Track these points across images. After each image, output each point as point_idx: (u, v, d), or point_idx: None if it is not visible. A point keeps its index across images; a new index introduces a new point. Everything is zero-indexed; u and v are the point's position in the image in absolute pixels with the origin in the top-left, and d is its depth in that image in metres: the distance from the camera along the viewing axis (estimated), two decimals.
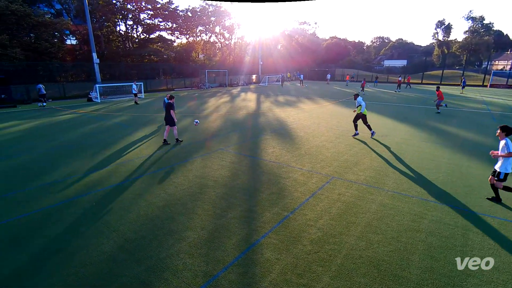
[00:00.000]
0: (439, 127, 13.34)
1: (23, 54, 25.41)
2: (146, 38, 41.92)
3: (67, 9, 34.67)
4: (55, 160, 8.74)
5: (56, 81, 27.80)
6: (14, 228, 5.03)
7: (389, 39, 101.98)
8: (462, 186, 6.65)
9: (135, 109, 19.67)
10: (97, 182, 6.97)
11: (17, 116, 16.97)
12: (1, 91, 21.85)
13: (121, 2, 37.14)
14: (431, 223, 5.11)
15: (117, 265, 4.05)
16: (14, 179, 7.26)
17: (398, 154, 9.10)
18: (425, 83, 45.56)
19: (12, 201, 6.01)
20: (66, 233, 4.85)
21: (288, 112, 17.68)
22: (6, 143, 10.75)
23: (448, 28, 64.26)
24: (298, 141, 10.71)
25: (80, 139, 11.36)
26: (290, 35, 67.10)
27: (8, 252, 4.36)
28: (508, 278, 3.78)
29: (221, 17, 49.18)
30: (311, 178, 7.17)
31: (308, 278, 3.81)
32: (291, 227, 4.98)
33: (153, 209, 5.62)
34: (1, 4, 23.36)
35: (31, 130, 13.07)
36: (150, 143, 10.64)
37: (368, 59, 78.82)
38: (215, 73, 42.26)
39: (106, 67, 31.82)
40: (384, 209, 5.61)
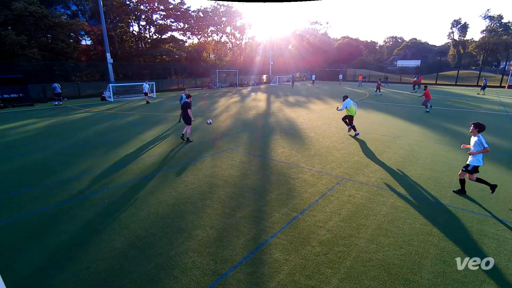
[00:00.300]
0: (453, 129, 13.01)
1: (40, 54, 26.20)
2: (158, 39, 42.53)
3: (83, 10, 35.58)
4: (70, 157, 8.97)
5: (71, 80, 28.55)
6: (31, 223, 5.19)
7: (402, 39, 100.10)
8: (477, 189, 6.46)
9: (147, 108, 19.98)
10: (109, 180, 7.12)
11: (34, 114, 17.49)
12: (19, 90, 22.57)
13: (134, 3, 37.83)
14: (443, 227, 4.99)
15: (127, 262, 4.12)
16: (30, 175, 7.49)
17: (411, 156, 8.93)
18: (440, 83, 44.52)
19: (29, 197, 6.20)
20: (79, 229, 4.97)
21: (298, 113, 17.60)
22: (23, 141, 11.10)
23: (465, 28, 62.63)
24: (308, 142, 10.64)
25: (93, 137, 11.62)
26: (301, 35, 66.83)
27: (24, 246, 4.51)
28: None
29: (232, 17, 49.40)
30: (321, 179, 7.12)
31: (316, 279, 3.78)
32: (300, 228, 4.95)
33: (164, 207, 5.69)
34: (20, 5, 24.12)
35: (46, 129, 13.45)
36: (162, 142, 10.78)
37: (380, 59, 77.69)
38: (226, 73, 42.48)
39: (119, 67, 32.44)
40: (396, 211, 5.51)
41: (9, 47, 23.83)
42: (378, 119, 15.19)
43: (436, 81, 45.10)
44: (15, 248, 4.47)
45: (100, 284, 3.71)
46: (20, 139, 11.41)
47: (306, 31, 68.76)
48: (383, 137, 11.21)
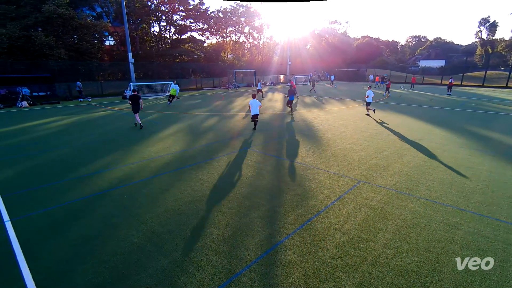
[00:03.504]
0: (479, 132, 12.42)
1: (67, 54, 27.41)
2: (178, 39, 43.40)
3: (107, 12, 36.88)
4: (91, 153, 9.32)
5: (95, 79, 29.67)
6: (54, 216, 5.43)
7: (426, 38, 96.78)
8: (504, 197, 6.14)
9: (166, 107, 20.40)
10: (128, 176, 7.33)
11: (60, 112, 18.33)
12: (46, 89, 23.75)
13: (155, 4, 38.75)
14: (467, 234, 4.77)
15: (144, 256, 4.22)
16: (54, 170, 7.84)
17: (433, 159, 8.60)
18: (465, 84, 42.66)
19: (53, 191, 6.49)
20: (99, 223, 5.15)
21: (315, 113, 17.40)
22: (48, 137, 11.65)
23: (493, 26, 59.69)
24: (325, 143, 10.50)
25: (114, 134, 12.01)
26: (320, 34, 66.03)
27: (48, 238, 4.73)
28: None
29: (251, 18, 49.61)
30: (337, 181, 7.00)
31: (331, 283, 3.72)
32: (315, 230, 4.89)
33: (180, 205, 5.79)
34: (49, 8, 25.31)
35: (71, 125, 14.06)
36: (179, 140, 10.99)
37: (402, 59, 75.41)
38: (243, 73, 42.69)
39: (140, 67, 33.38)
40: (415, 216, 5.33)
41: (39, 48, 25.09)
42: (398, 121, 14.75)
43: (462, 82, 43.24)
44: (40, 239, 4.69)
45: (118, 277, 3.83)
46: (46, 135, 11.98)
47: (325, 30, 67.89)
48: (403, 140, 10.87)
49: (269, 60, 52.85)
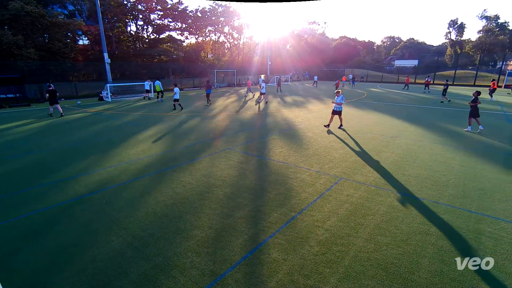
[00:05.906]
0: (450, 129, 13.07)
1: (37, 54, 26.06)
2: (156, 38, 42.44)
3: (80, 10, 35.39)
4: (67, 157, 8.93)
5: (68, 80, 28.42)
6: (28, 223, 5.15)
7: (400, 39, 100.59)
8: (474, 189, 6.50)
9: (145, 108, 19.91)
10: (107, 180, 7.09)
11: (30, 114, 17.38)
12: (15, 90, 22.47)
13: (132, 2, 37.71)
14: (441, 226, 5.01)
15: (125, 262, 4.10)
16: (28, 175, 7.44)
17: (408, 155, 8.96)
18: (437, 83, 44.70)
19: (27, 197, 6.16)
20: (77, 229, 4.95)
21: (296, 112, 17.61)
22: (20, 141, 11.03)
23: (461, 28, 62.82)
24: (306, 142, 10.65)
25: (90, 137, 11.57)
26: (299, 35, 66.85)
27: (22, 247, 4.48)
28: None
29: (230, 17, 49.37)
30: (319, 178, 7.13)
31: (315, 279, 3.78)
32: (298, 228, 4.95)
33: (161, 207, 5.68)
34: (16, 5, 23.95)
35: (43, 128, 13.38)
36: (159, 141, 10.75)
37: (378, 59, 77.89)
38: (224, 73, 42.44)
39: (117, 67, 32.35)
40: (393, 211, 5.53)
41: (6, 47, 23.69)
42: (375, 119, 15.24)
43: (434, 81, 45.27)
44: (14, 248, 4.44)
45: (98, 285, 3.69)
46: (18, 138, 11.34)
47: (304, 31, 68.80)
48: (381, 137, 11.24)
49: (249, 60, 52.84)
